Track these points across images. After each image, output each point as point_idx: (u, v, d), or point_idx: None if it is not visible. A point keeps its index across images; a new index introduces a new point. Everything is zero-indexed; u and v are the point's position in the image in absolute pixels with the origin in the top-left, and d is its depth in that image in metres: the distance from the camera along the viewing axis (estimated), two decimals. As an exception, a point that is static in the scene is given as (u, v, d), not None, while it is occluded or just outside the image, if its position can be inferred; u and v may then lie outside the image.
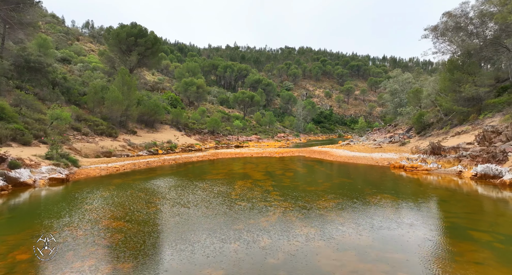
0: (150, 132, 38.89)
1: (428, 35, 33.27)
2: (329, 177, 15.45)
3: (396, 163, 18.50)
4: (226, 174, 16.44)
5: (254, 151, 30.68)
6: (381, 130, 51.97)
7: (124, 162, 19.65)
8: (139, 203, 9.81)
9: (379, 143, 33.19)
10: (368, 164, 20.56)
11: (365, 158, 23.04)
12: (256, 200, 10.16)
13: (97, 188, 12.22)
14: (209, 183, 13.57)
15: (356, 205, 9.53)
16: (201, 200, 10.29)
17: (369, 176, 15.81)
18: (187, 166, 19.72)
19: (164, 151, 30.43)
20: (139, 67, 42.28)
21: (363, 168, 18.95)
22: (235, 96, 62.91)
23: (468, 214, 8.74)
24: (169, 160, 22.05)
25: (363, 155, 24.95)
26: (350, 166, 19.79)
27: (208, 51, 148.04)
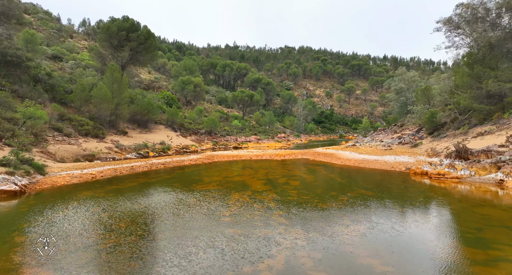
0: (142, 133, 36.28)
1: (440, 28, 30.73)
2: (343, 187, 12.84)
3: (418, 169, 15.89)
4: (220, 182, 13.84)
5: (253, 153, 28.10)
6: (386, 130, 49.39)
7: (105, 167, 17.04)
8: (92, 232, 7.20)
9: (388, 144, 30.59)
10: (382, 169, 17.96)
11: (377, 162, 20.44)
12: (254, 226, 7.56)
13: (54, 204, 9.62)
14: (198, 196, 10.97)
15: (398, 240, 6.94)
16: (181, 226, 7.67)
17: (391, 185, 13.20)
18: (176, 172, 17.11)
19: (156, 153, 27.83)
20: (131, 64, 39.68)
21: (379, 174, 16.34)
22: (234, 95, 60.29)
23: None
24: (157, 164, 19.44)
25: (374, 158, 22.34)
26: (363, 172, 17.19)
27: (207, 51, 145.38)
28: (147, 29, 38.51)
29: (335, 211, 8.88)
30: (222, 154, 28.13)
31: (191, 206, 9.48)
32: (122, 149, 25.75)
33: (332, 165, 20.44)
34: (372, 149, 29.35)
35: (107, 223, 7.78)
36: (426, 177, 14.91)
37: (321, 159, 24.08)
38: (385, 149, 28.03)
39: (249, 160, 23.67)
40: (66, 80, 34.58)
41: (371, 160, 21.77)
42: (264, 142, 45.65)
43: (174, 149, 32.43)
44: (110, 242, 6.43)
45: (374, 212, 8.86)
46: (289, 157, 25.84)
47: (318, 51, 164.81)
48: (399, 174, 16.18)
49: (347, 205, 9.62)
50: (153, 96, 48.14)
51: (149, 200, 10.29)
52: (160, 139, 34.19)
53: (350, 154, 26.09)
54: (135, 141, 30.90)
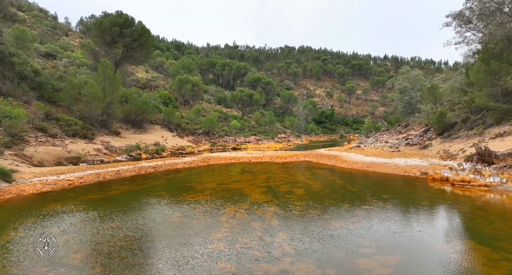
0: (137, 133, 34.47)
1: (450, 23, 28.93)
2: (355, 197, 11.03)
3: (436, 174, 14.08)
4: (214, 190, 12.03)
5: (252, 155, 26.29)
6: (390, 131, 47.59)
7: (87, 172, 15.22)
8: (28, 270, 5.39)
9: (395, 146, 28.80)
10: (395, 173, 16.14)
11: (387, 165, 18.64)
12: (250, 259, 5.75)
13: (5, 222, 7.82)
14: (185, 209, 9.17)
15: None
16: (152, 262, 5.87)
17: (412, 195, 11.39)
18: (167, 177, 15.29)
19: (149, 155, 26.03)
20: (125, 62, 37.86)
21: (392, 180, 14.52)
22: (233, 95, 58.46)
23: None
24: (147, 168, 17.62)
25: (383, 161, 20.54)
26: (374, 177, 15.37)
27: (206, 50, 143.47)
28: (142, 25, 36.70)
29: (354, 235, 7.08)
30: (219, 155, 26.32)
31: (173, 226, 7.66)
32: (112, 151, 23.93)
33: (338, 168, 18.62)
34: (378, 151, 27.56)
35: (59, 253, 5.97)
36: (447, 183, 13.10)
37: (325, 161, 22.26)
38: (392, 151, 26.24)
39: (248, 163, 21.87)
40: (56, 78, 32.75)
41: (380, 163, 19.96)
42: (264, 143, 43.86)
43: (169, 150, 30.61)
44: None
45: (405, 235, 7.06)
46: (290, 159, 24.04)
47: (318, 51, 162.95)
48: (414, 179, 14.36)
49: (366, 224, 7.82)
50: (149, 96, 46.33)
51: (124, 217, 8.46)
52: (154, 140, 32.40)
53: (356, 156, 24.30)
54: (127, 141, 29.09)
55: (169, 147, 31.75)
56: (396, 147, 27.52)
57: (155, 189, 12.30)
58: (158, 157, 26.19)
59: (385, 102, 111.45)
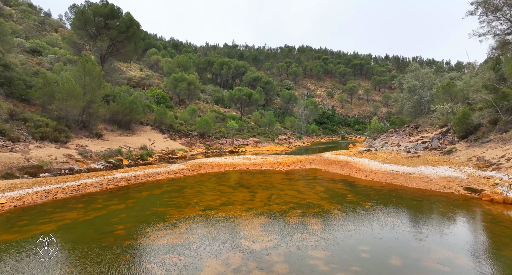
0: (123, 135, 30.86)
1: (475, 11, 25.37)
2: (404, 240, 7.46)
3: (496, 194, 10.49)
4: (195, 221, 8.44)
5: (251, 161, 22.69)
6: (399, 132, 44.04)
7: (33, 189, 11.60)
8: None
9: (413, 150, 25.22)
10: (430, 189, 12.54)
11: (415, 177, 15.05)
12: None
13: None
14: (138, 271, 5.59)
15: None
16: None
17: (491, 236, 7.83)
18: (139, 195, 11.69)
19: (132, 161, 22.41)
20: (112, 56, 34.26)
21: (435, 201, 10.92)
22: (231, 94, 54.82)
23: None
24: (119, 180, 14.01)
25: (407, 170, 16.96)
26: (407, 195, 11.76)
27: (205, 49, 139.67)
28: (130, 16, 33.11)
29: None
30: (213, 161, 22.72)
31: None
32: (87, 157, 20.30)
33: (355, 181, 15.01)
34: (394, 156, 23.99)
35: None
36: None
37: (336, 169, 18.66)
38: (411, 156, 22.66)
39: (245, 171, 18.27)
40: (31, 73, 29.15)
41: (404, 173, 16.38)
42: (263, 145, 40.27)
43: (157, 154, 27.01)
44: None
45: None
46: (294, 166, 20.43)
47: (319, 50, 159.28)
48: (464, 200, 10.76)
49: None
50: (140, 94, 42.69)
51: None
52: (142, 143, 28.80)
53: (371, 163, 20.72)
54: (109, 145, 25.47)
55: (158, 151, 28.14)
56: (415, 152, 23.94)
57: (112, 218, 8.67)
58: (142, 163, 22.57)
59: (387, 103, 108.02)
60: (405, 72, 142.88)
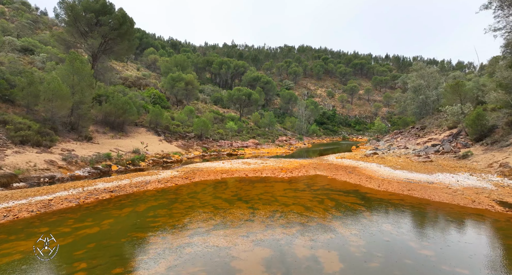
0: (115, 137, 29.08)
1: (489, 4, 23.62)
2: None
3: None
4: (179, 255, 6.69)
5: (250, 167, 20.91)
6: (404, 133, 42.29)
7: (-4, 205, 9.85)
8: None
9: (424, 154, 23.47)
10: (458, 204, 10.77)
11: (435, 187, 13.29)
12: None
13: None
14: None
15: None
16: None
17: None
18: (119, 213, 9.93)
19: (122, 166, 20.62)
20: (105, 55, 32.46)
21: (467, 218, 9.18)
22: (230, 94, 53.00)
23: None
24: (101, 192, 12.25)
25: (424, 178, 15.21)
26: (432, 212, 10.00)
27: (204, 49, 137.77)
28: (123, 12, 31.32)
29: None
30: (209, 167, 20.96)
31: None
32: (72, 162, 18.51)
33: (368, 191, 13.26)
34: (403, 160, 22.23)
35: None
36: None
37: (344, 177, 16.90)
38: (423, 161, 20.90)
39: (244, 179, 16.52)
40: (18, 72, 27.36)
41: (421, 181, 14.62)
42: (263, 147, 38.52)
43: (151, 158, 25.23)
44: None
45: None
46: (298, 172, 18.68)
47: (319, 50, 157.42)
48: (506, 220, 9.01)
49: None
50: (135, 94, 40.90)
51: None
52: (135, 146, 27.04)
53: (380, 169, 18.96)
54: (99, 149, 23.69)
55: (151, 155, 26.37)
56: (427, 156, 22.17)
57: (77, 251, 6.90)
58: (133, 169, 20.80)
59: (388, 103, 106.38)
60: (406, 71, 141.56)
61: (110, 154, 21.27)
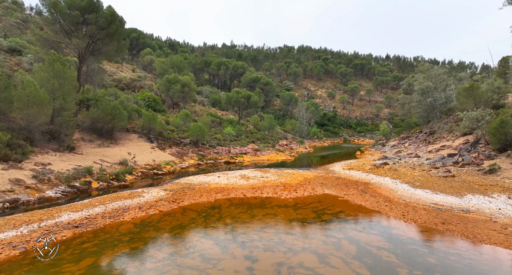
0: (103, 146, 26.56)
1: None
2: None
3: None
4: None
5: (249, 182, 18.38)
6: (411, 139, 39.79)
7: None
8: None
9: (442, 166, 20.95)
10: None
11: (474, 219, 10.77)
12: None
13: None
14: None
15: None
16: None
17: None
18: (73, 269, 7.42)
19: (104, 182, 18.07)
20: (92, 56, 29.87)
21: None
22: (228, 96, 50.42)
23: None
24: (63, 227, 9.72)
25: (455, 203, 12.70)
26: (493, 271, 7.54)
27: (202, 49, 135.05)
28: (112, 10, 28.76)
29: None
30: (202, 182, 18.44)
31: None
32: (43, 181, 15.96)
33: (396, 226, 10.74)
34: (421, 174, 19.71)
35: None
36: None
37: (358, 199, 14.37)
38: (444, 176, 18.39)
39: (242, 201, 14.01)
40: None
41: (454, 208, 12.11)
42: (263, 154, 35.98)
43: (140, 170, 22.70)
44: None
45: None
46: (303, 191, 16.16)
47: (319, 50, 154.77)
48: None
49: None
50: (128, 98, 38.35)
51: None
52: (123, 156, 24.52)
53: (397, 186, 16.46)
54: (81, 160, 21.16)
55: (141, 165, 23.84)
56: (446, 169, 19.65)
57: None
58: (116, 185, 18.26)
59: (390, 104, 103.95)
60: (407, 72, 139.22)
61: (91, 168, 18.70)
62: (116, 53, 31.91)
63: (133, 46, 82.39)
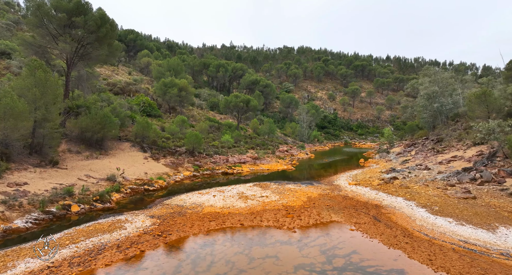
0: (92, 157, 24.61)
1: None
2: None
3: None
4: None
5: (247, 205, 16.40)
6: (417, 145, 37.83)
7: None
8: None
9: (459, 182, 18.99)
10: None
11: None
12: None
13: None
14: None
15: None
16: None
17: None
18: None
19: (86, 204, 16.05)
20: (82, 60, 27.88)
21: None
22: (227, 101, 48.40)
23: None
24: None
25: (488, 241, 10.75)
26: None
27: (201, 50, 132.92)
28: (102, 12, 26.78)
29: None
30: (195, 204, 16.47)
31: None
32: (14, 207, 13.94)
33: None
34: (437, 193, 17.76)
35: None
36: None
37: (372, 232, 12.40)
38: (463, 197, 16.44)
39: (238, 234, 12.08)
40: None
41: (489, 249, 10.16)
42: (262, 163, 33.98)
43: (129, 186, 20.72)
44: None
45: None
46: (308, 217, 14.21)
47: (319, 51, 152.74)
48: None
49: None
50: (121, 104, 36.37)
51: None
52: (112, 170, 22.56)
53: (414, 211, 14.52)
54: (64, 177, 19.19)
55: (130, 181, 21.86)
56: (464, 188, 17.67)
57: None
58: (100, 208, 16.27)
59: (391, 106, 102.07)
60: (408, 73, 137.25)
61: (72, 189, 16.69)
62: (107, 58, 29.92)
63: (130, 48, 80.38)
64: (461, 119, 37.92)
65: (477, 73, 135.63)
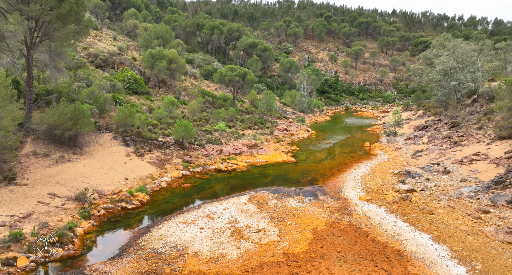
0: (63, 161, 20.74)
1: None
2: None
3: None
4: None
5: (240, 252, 12.89)
6: (429, 129, 33.81)
7: None
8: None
9: (500, 216, 15.46)
10: None
11: None
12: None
13: None
14: None
15: None
16: None
17: None
18: None
19: (37, 254, 12.56)
20: (44, 40, 22.53)
21: None
22: (221, 74, 42.81)
23: None
24: None
25: None
26: None
27: (195, 5, 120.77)
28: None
29: None
30: (177, 247, 13.03)
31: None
32: None
33: None
34: (470, 226, 14.48)
35: None
36: None
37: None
38: (509, 241, 13.01)
39: None
40: None
41: None
42: (259, 153, 30.13)
43: (103, 206, 17.20)
44: None
45: None
46: (313, 268, 10.89)
47: (321, 5, 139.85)
48: None
49: None
50: (99, 85, 31.37)
51: None
52: (84, 179, 18.82)
53: (450, 271, 11.19)
54: (20, 201, 15.50)
55: (106, 196, 18.25)
56: (508, 228, 14.17)
57: None
58: (57, 256, 12.78)
59: (395, 67, 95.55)
60: (415, 30, 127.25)
61: (21, 232, 13.00)
62: (76, 36, 24.48)
63: (115, 5, 71.71)
64: (479, 100, 33.42)
65: (488, 28, 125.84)
